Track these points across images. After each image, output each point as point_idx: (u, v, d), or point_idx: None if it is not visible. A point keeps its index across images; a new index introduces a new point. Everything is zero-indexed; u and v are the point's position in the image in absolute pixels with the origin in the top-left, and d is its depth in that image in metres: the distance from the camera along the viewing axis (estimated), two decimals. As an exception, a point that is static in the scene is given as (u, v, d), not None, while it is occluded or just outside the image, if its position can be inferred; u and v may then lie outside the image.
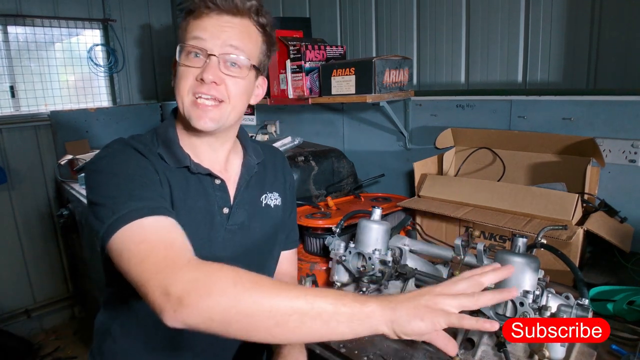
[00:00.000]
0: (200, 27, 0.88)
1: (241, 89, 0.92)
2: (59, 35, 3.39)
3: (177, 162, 0.93)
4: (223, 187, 0.98)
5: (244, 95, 0.94)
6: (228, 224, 0.98)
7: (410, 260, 1.23)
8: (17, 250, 3.33)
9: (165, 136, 0.96)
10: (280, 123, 2.78)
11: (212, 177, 0.97)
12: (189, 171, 0.94)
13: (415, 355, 1.06)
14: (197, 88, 0.88)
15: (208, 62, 0.87)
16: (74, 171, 2.91)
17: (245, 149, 1.08)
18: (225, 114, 0.91)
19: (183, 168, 0.94)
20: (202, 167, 0.96)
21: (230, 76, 0.90)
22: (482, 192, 1.51)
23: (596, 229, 1.29)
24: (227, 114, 0.92)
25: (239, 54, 0.90)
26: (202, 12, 0.88)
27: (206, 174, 0.96)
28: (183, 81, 0.89)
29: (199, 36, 0.88)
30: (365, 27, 2.30)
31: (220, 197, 0.97)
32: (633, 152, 1.47)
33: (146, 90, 3.87)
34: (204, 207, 0.95)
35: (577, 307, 0.87)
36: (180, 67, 0.90)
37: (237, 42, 0.89)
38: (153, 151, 0.93)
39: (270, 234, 1.08)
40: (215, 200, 0.97)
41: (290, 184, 1.19)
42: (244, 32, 0.91)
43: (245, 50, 0.91)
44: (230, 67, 0.90)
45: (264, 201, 1.07)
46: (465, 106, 1.87)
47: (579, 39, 1.60)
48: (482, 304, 0.67)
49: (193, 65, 0.88)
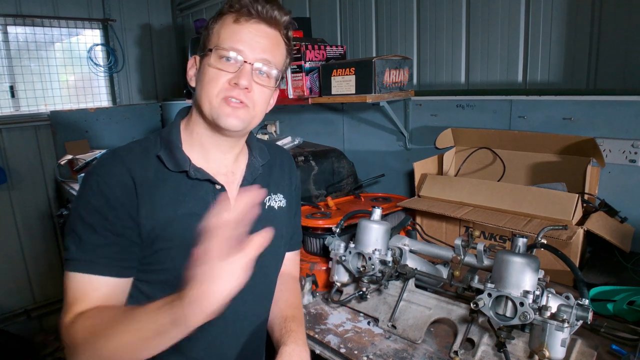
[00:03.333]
0: (238, 34, 0.90)
1: (266, 97, 0.96)
2: (58, 35, 3.40)
3: (176, 165, 0.93)
4: (223, 192, 0.98)
5: (266, 103, 0.97)
6: None
7: (410, 260, 1.23)
8: (17, 250, 3.33)
9: (168, 139, 0.96)
10: (280, 123, 2.78)
11: (212, 183, 0.97)
12: (187, 176, 0.94)
13: (415, 355, 1.06)
14: (228, 91, 0.90)
15: (242, 69, 0.90)
16: (73, 171, 2.91)
17: (250, 150, 1.08)
18: (250, 117, 0.94)
19: (181, 173, 0.94)
20: (202, 172, 0.95)
21: (259, 84, 0.93)
22: (482, 192, 1.51)
23: (596, 229, 1.29)
24: (252, 118, 0.95)
25: (271, 65, 0.93)
26: (241, 18, 0.90)
27: (205, 180, 0.96)
28: (213, 83, 0.90)
29: (236, 42, 0.90)
30: (365, 27, 2.30)
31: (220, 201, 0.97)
32: (633, 152, 1.47)
33: (146, 90, 3.87)
34: (200, 212, 0.93)
35: (577, 307, 0.87)
36: (210, 69, 0.91)
37: (270, 54, 0.93)
38: (151, 155, 0.93)
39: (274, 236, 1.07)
40: (214, 204, 0.95)
41: (296, 186, 1.19)
42: (275, 44, 0.94)
43: (275, 62, 0.94)
44: (260, 76, 0.93)
45: (267, 203, 1.07)
46: (465, 106, 1.87)
47: (579, 39, 1.60)
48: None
49: (226, 69, 0.90)
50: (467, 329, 1.05)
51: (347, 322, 1.23)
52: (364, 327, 1.20)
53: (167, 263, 0.92)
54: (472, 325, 1.05)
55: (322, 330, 1.19)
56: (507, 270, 0.94)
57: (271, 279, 1.11)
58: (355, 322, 1.23)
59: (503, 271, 0.95)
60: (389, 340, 1.13)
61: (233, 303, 0.99)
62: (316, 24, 2.52)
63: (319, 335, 1.16)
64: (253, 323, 1.07)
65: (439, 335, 1.13)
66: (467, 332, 1.04)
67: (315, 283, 1.38)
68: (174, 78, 3.99)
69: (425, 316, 1.14)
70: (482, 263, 1.11)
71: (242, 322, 1.04)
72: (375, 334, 1.16)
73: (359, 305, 1.27)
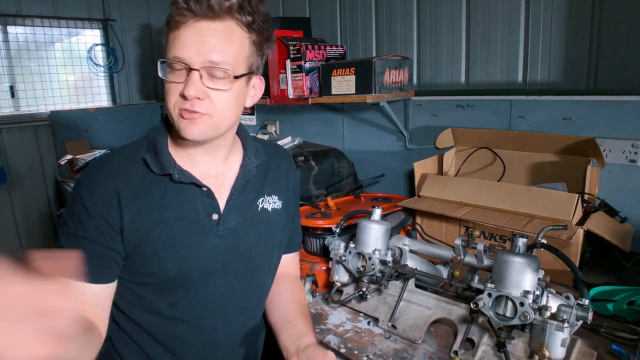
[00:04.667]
0: (179, 39, 0.82)
1: (228, 100, 0.87)
2: (58, 35, 3.39)
3: (160, 169, 0.91)
4: (210, 194, 0.95)
5: (232, 105, 0.89)
6: (219, 230, 0.96)
7: (410, 260, 1.23)
8: (17, 251, 3.32)
9: (155, 141, 0.94)
10: (280, 123, 2.78)
11: (198, 186, 0.94)
12: (171, 179, 0.92)
13: (415, 355, 1.06)
14: (182, 104, 0.84)
15: (189, 78, 0.82)
16: (73, 171, 2.91)
17: (245, 150, 1.04)
18: (213, 126, 0.87)
19: (165, 176, 0.92)
20: (186, 175, 0.92)
21: (214, 89, 0.84)
22: (482, 192, 1.51)
23: (596, 229, 1.29)
24: (216, 126, 0.88)
25: (222, 65, 0.83)
26: (178, 22, 0.81)
27: (190, 183, 0.93)
28: (168, 97, 0.86)
29: (178, 49, 0.82)
30: (365, 27, 2.30)
31: (208, 203, 0.95)
32: (633, 152, 1.47)
33: (146, 90, 3.87)
34: (186, 215, 0.93)
35: (577, 307, 0.87)
36: (165, 83, 0.86)
37: (219, 53, 0.82)
38: (137, 159, 0.92)
39: (266, 238, 1.06)
40: (202, 207, 0.94)
41: (294, 187, 1.15)
42: (226, 38, 0.83)
43: (229, 59, 0.83)
44: (214, 80, 0.84)
45: (260, 205, 1.04)
46: (465, 106, 1.87)
47: (579, 39, 1.60)
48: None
49: (176, 80, 0.84)
50: (467, 329, 1.05)
51: (347, 322, 1.23)
52: (364, 327, 1.20)
53: (156, 267, 0.91)
54: (472, 325, 1.05)
55: (322, 330, 1.19)
56: (507, 270, 0.94)
57: (264, 281, 1.10)
58: (355, 322, 1.23)
59: (503, 271, 0.95)
60: (389, 340, 1.13)
61: (223, 304, 1.00)
62: (316, 24, 2.52)
63: (319, 335, 1.16)
64: (245, 326, 1.06)
65: (439, 335, 1.13)
66: (467, 332, 1.04)
67: (315, 283, 1.38)
68: (174, 78, 3.98)
69: (425, 316, 1.14)
70: (482, 263, 1.11)
71: (233, 325, 1.03)
72: (375, 334, 1.16)
73: (359, 305, 1.27)
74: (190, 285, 0.95)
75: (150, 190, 0.91)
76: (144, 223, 0.89)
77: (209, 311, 0.98)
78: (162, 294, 0.94)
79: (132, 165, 0.92)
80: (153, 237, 0.90)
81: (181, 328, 0.97)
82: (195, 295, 0.96)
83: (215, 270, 0.97)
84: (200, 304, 0.97)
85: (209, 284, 0.97)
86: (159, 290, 0.94)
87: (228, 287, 1.00)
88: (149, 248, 0.90)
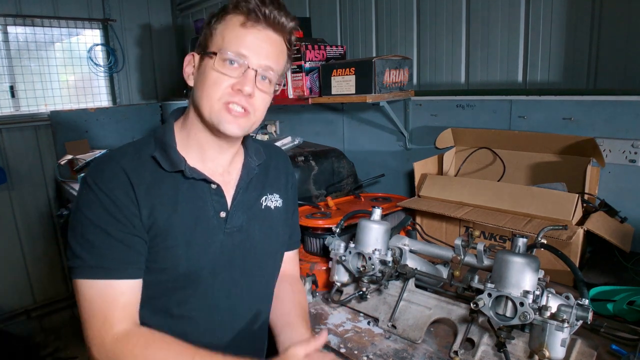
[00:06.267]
0: (245, 39, 0.89)
1: (266, 103, 0.96)
2: (59, 35, 3.40)
3: (171, 165, 0.93)
4: (219, 192, 0.98)
5: (265, 109, 0.97)
6: (226, 227, 0.98)
7: (410, 260, 1.23)
8: (17, 251, 3.33)
9: (163, 140, 0.96)
10: (280, 123, 2.78)
11: (208, 182, 0.97)
12: (182, 176, 0.94)
13: (415, 355, 1.06)
14: (230, 97, 0.90)
15: (246, 74, 0.89)
16: (73, 171, 2.91)
17: (246, 149, 1.07)
18: (250, 124, 0.94)
19: (177, 173, 0.94)
20: (197, 172, 0.95)
21: (261, 91, 0.93)
22: (482, 192, 1.51)
23: (596, 229, 1.29)
24: (252, 124, 0.95)
25: (272, 71, 0.93)
26: (248, 22, 0.89)
27: (200, 179, 0.96)
28: (216, 87, 0.90)
29: (244, 47, 0.89)
30: (365, 27, 2.30)
31: (216, 201, 0.98)
32: (633, 152, 1.47)
33: (146, 90, 3.87)
34: (197, 212, 0.95)
35: (577, 307, 0.87)
36: (212, 72, 0.90)
37: (274, 60, 0.93)
38: (145, 156, 0.93)
39: (270, 236, 1.08)
40: (211, 204, 0.97)
41: (292, 185, 1.19)
42: (279, 50, 0.94)
43: (278, 68, 0.95)
44: (262, 82, 0.92)
45: (264, 203, 1.07)
46: (465, 106, 1.87)
47: (579, 39, 1.60)
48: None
49: (229, 74, 0.89)
50: (467, 329, 1.05)
51: (347, 322, 1.23)
52: (364, 327, 1.20)
53: (167, 262, 0.92)
54: (472, 325, 1.05)
55: (322, 330, 1.19)
56: (507, 270, 0.94)
57: (269, 278, 1.11)
58: (355, 322, 1.23)
59: (503, 271, 0.95)
60: (389, 340, 1.13)
61: (230, 302, 1.00)
62: (316, 24, 2.52)
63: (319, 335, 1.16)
64: (252, 323, 1.06)
65: (439, 335, 1.13)
66: (467, 332, 1.04)
67: (315, 283, 1.38)
68: (174, 78, 3.99)
69: (425, 316, 1.14)
70: (482, 263, 1.11)
71: (240, 321, 1.04)
72: (375, 334, 1.16)
73: (359, 305, 1.27)
74: (199, 283, 0.96)
75: (161, 187, 0.92)
76: (159, 219, 0.90)
77: (216, 308, 0.99)
78: (171, 291, 0.95)
79: (141, 162, 0.93)
80: (165, 233, 0.91)
81: (188, 326, 0.97)
82: (203, 293, 0.97)
83: (223, 268, 0.98)
84: (208, 301, 0.98)
85: (216, 281, 0.98)
86: (169, 288, 0.94)
87: (235, 284, 1.01)
88: (162, 243, 0.91)
